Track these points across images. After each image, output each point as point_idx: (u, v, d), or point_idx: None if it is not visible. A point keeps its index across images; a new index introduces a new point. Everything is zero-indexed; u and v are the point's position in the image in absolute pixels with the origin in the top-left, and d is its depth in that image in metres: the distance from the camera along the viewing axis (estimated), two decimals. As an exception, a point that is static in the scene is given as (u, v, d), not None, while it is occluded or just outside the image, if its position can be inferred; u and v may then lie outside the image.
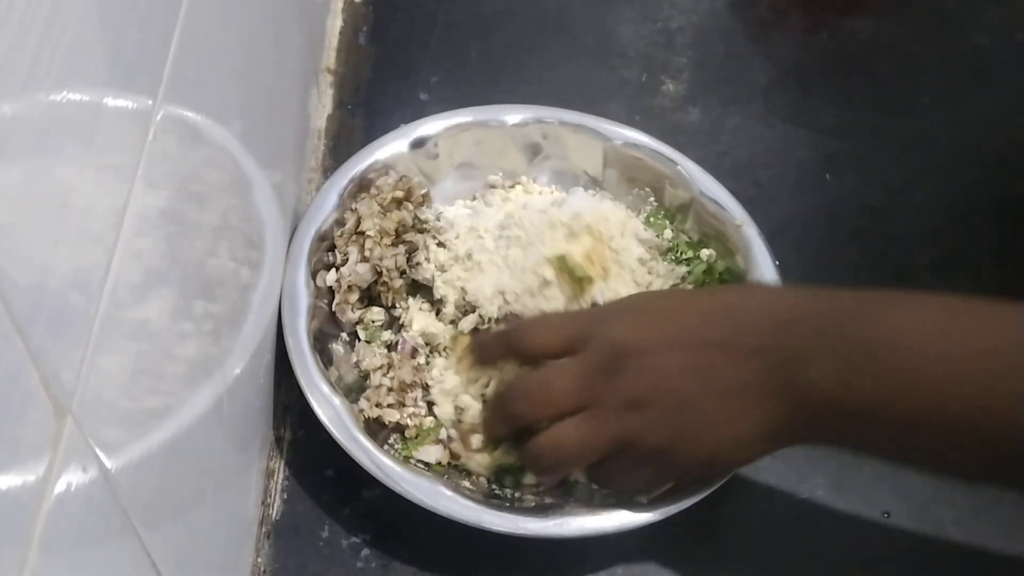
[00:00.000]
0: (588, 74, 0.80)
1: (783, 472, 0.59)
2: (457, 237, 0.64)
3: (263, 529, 0.56)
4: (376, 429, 0.57)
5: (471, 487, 0.55)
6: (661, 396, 0.47)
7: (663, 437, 0.48)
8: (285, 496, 0.57)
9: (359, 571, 0.55)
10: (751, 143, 0.76)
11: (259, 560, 0.55)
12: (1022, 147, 0.78)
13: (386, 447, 0.56)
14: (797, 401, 0.45)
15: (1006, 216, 0.73)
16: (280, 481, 0.58)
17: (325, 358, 0.58)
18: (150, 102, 0.36)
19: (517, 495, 0.56)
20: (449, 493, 0.53)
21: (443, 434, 0.57)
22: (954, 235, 0.72)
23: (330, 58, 0.78)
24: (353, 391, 0.58)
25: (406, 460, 0.55)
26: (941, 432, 0.42)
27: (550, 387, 0.50)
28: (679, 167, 0.67)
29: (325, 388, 0.55)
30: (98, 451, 0.31)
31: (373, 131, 0.71)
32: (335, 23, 0.81)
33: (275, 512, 0.57)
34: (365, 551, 0.56)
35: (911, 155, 0.76)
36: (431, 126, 0.68)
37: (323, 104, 0.75)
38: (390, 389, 0.57)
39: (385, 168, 0.66)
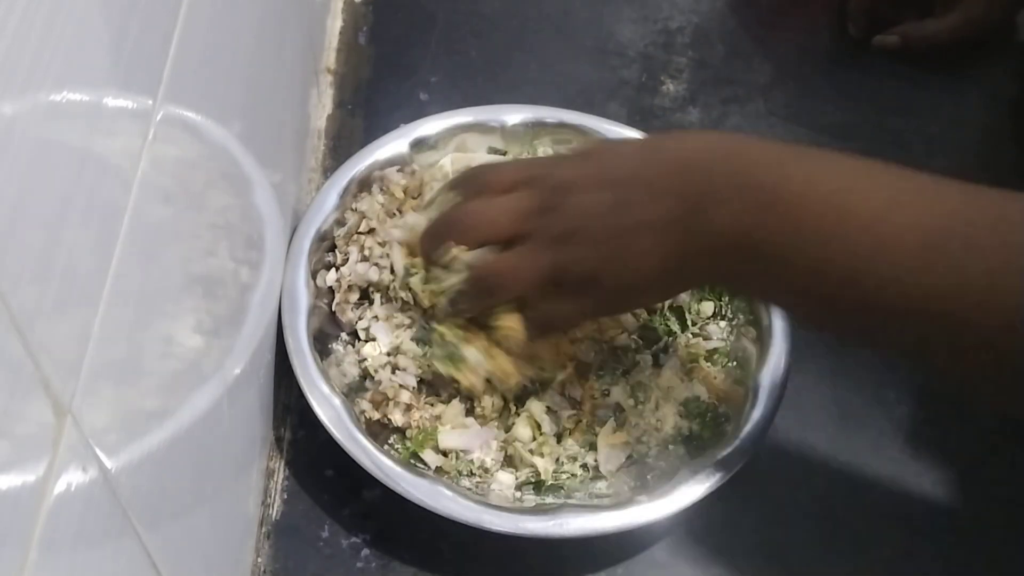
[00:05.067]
0: (588, 74, 0.80)
1: (784, 471, 0.59)
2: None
3: (263, 529, 0.56)
4: (376, 429, 0.57)
5: (471, 487, 0.55)
6: (585, 229, 0.51)
7: (589, 266, 0.52)
8: (285, 496, 0.57)
9: (359, 571, 0.55)
10: (751, 143, 0.76)
11: (259, 560, 0.55)
12: (1022, 146, 0.78)
13: (386, 447, 0.56)
14: (701, 241, 0.48)
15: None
16: (280, 481, 0.58)
17: (325, 358, 0.58)
18: (150, 102, 0.36)
19: (518, 495, 0.56)
20: (449, 493, 0.53)
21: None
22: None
23: (330, 58, 0.78)
24: (353, 391, 0.58)
25: (406, 460, 0.55)
26: (837, 282, 0.45)
27: (484, 214, 0.54)
28: (679, 167, 0.67)
29: (325, 388, 0.55)
30: (98, 451, 0.31)
31: (373, 131, 0.71)
32: (335, 23, 0.81)
33: (275, 512, 0.57)
34: (365, 551, 0.56)
35: (911, 155, 0.76)
36: (431, 126, 0.68)
37: (323, 104, 0.75)
38: (391, 393, 0.57)
39: (386, 168, 0.66)
